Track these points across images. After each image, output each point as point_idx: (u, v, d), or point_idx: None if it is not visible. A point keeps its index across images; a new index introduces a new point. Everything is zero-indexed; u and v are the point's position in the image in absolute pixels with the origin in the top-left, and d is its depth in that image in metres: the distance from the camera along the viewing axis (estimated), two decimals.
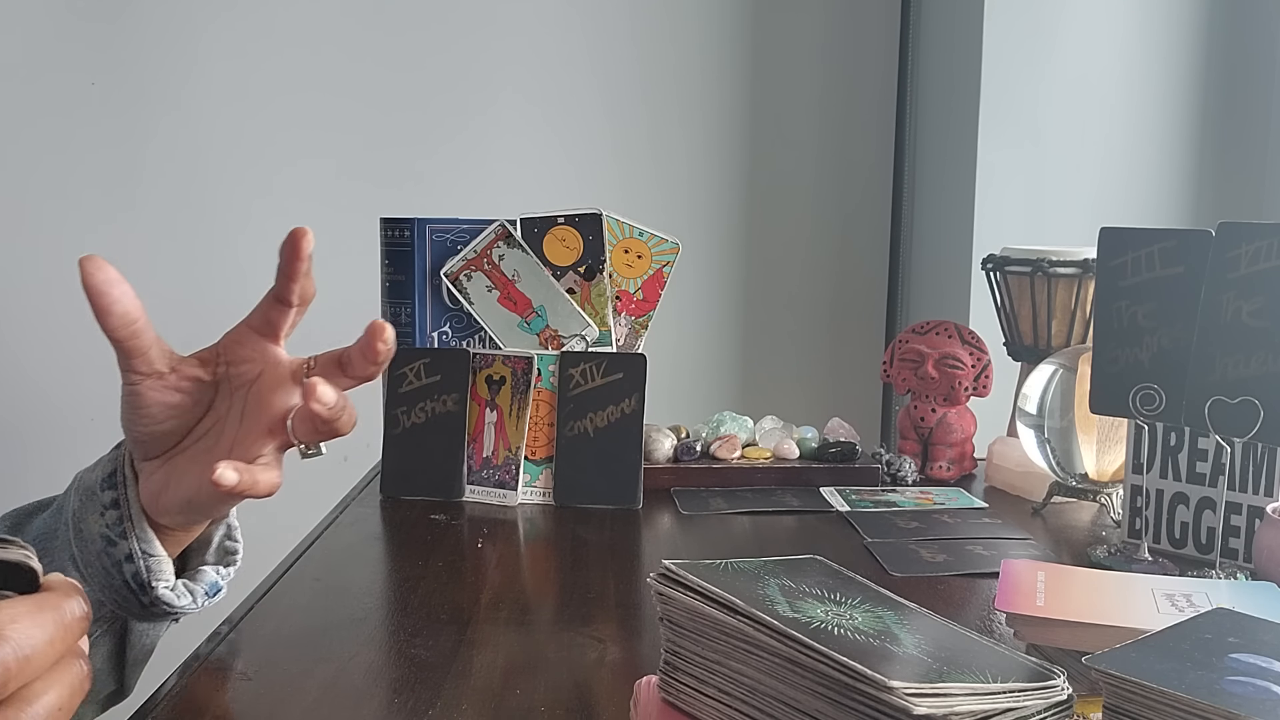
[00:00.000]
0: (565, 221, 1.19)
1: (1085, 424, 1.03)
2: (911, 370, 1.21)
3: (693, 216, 2.02)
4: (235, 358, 0.67)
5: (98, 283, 0.59)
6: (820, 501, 1.10)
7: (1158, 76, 1.73)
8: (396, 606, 0.81)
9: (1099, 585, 0.70)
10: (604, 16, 1.98)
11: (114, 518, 0.66)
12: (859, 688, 0.45)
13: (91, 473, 0.69)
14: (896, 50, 2.00)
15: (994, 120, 1.71)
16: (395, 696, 0.65)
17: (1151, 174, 1.75)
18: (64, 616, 0.42)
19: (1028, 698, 0.46)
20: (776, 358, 2.08)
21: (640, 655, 0.72)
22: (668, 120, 2.01)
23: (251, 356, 0.67)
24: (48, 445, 1.93)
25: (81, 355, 1.96)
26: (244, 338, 0.67)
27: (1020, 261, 1.21)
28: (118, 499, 0.66)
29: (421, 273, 1.19)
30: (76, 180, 1.94)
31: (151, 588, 0.66)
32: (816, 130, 2.04)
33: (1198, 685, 0.45)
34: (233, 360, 0.67)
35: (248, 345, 0.67)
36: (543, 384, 1.12)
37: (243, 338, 0.67)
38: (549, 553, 0.98)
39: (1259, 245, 0.81)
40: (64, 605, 0.42)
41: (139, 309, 0.61)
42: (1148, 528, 0.96)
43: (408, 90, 1.97)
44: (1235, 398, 0.82)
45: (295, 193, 1.97)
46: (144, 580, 0.66)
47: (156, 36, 1.92)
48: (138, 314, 0.61)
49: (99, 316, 0.61)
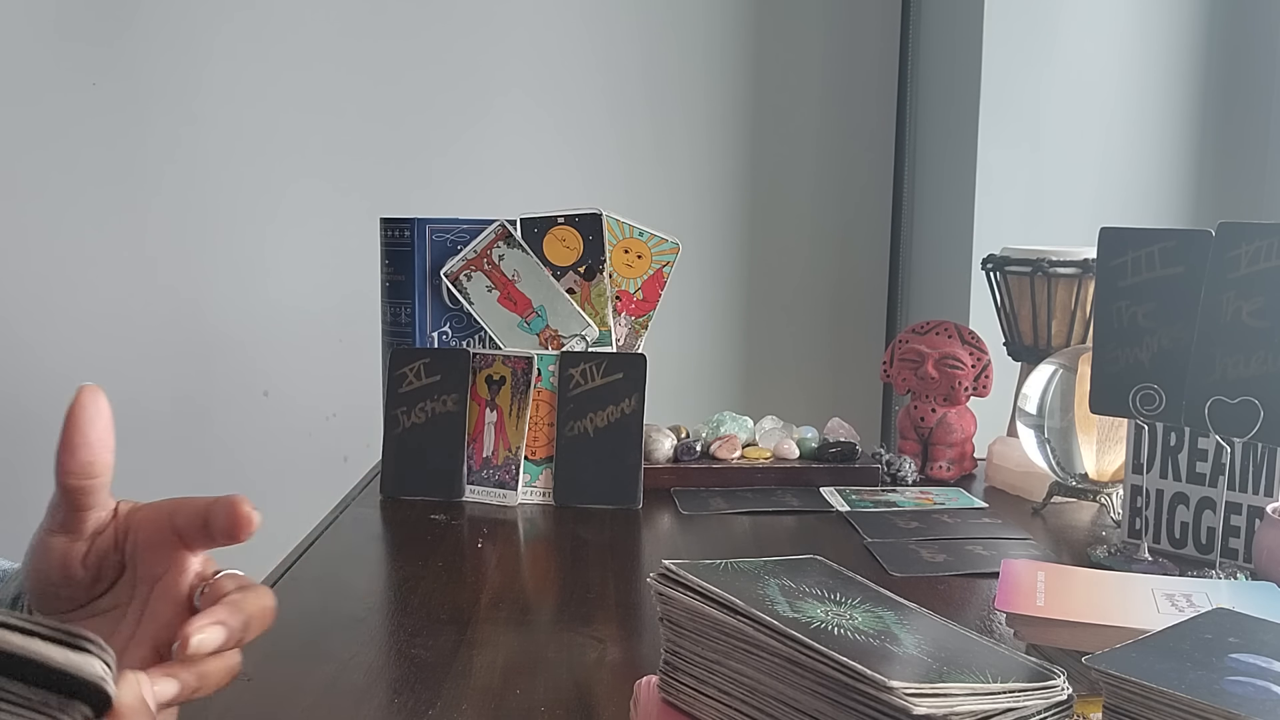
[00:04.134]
0: (565, 221, 1.19)
1: (1085, 424, 1.03)
2: (911, 370, 1.21)
3: (693, 216, 2.02)
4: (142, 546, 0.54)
5: (79, 414, 0.49)
6: (820, 501, 1.10)
7: (1158, 76, 1.73)
8: (396, 606, 0.81)
9: (1099, 585, 0.70)
10: (606, 17, 1.98)
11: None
12: (859, 688, 0.45)
13: (5, 588, 0.61)
14: (896, 50, 2.00)
15: (994, 120, 1.71)
16: (395, 696, 0.65)
17: (1151, 174, 1.75)
18: None
19: (1028, 698, 0.46)
20: (776, 358, 2.08)
21: (640, 655, 0.71)
22: (668, 120, 2.01)
23: (162, 560, 0.54)
24: (48, 445, 1.92)
25: (82, 355, 1.96)
26: (159, 532, 0.54)
27: (1020, 261, 1.21)
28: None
29: (421, 273, 1.19)
30: (77, 181, 1.94)
31: None
32: (817, 130, 2.04)
33: (1198, 685, 0.45)
34: (139, 548, 0.54)
35: (162, 546, 0.54)
36: (543, 384, 1.12)
37: (157, 531, 0.54)
38: (549, 553, 0.98)
39: (1259, 245, 0.81)
40: None
41: (108, 465, 0.51)
42: (1148, 528, 0.96)
43: (409, 90, 1.97)
44: (1235, 398, 0.82)
45: (296, 192, 1.97)
46: None
47: (158, 37, 1.92)
48: (105, 469, 0.51)
49: (63, 449, 0.50)
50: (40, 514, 0.59)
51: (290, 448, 1.98)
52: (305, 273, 1.97)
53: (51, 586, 0.54)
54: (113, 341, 1.96)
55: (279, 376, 1.99)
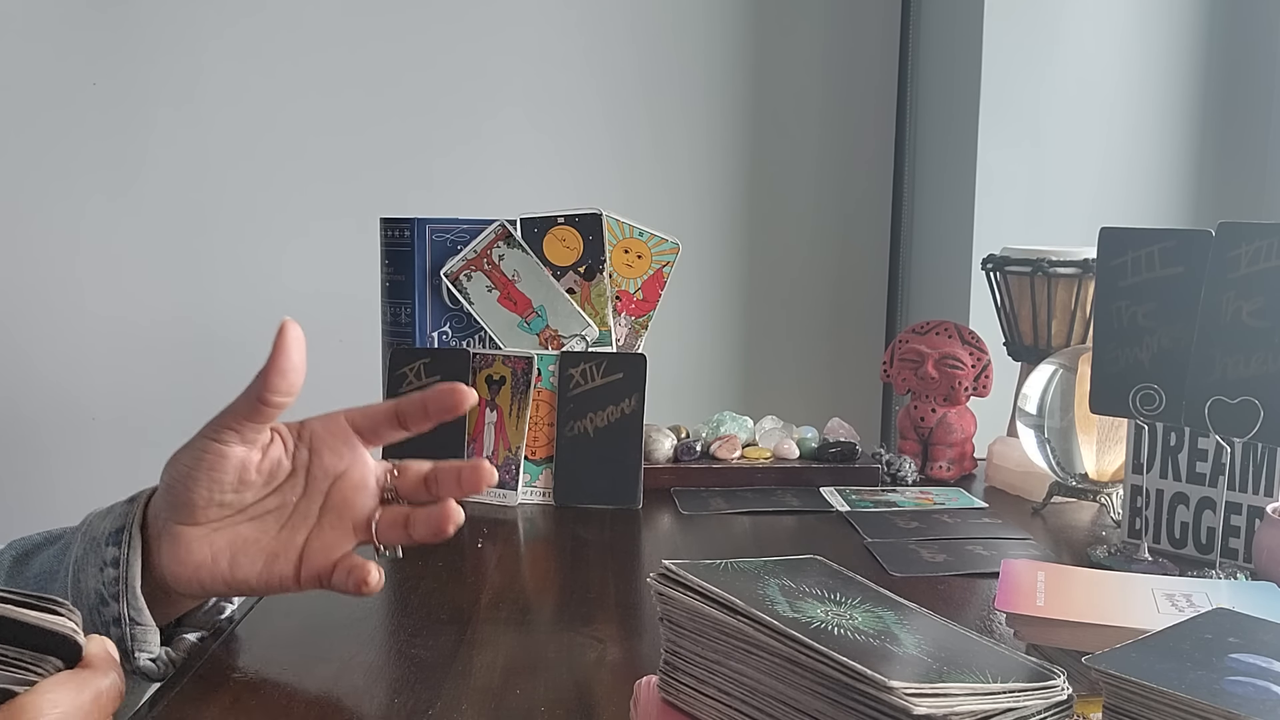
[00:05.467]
0: (565, 221, 1.19)
1: (1085, 424, 1.03)
2: (911, 370, 1.21)
3: (693, 216, 2.02)
4: (322, 447, 0.64)
5: (289, 342, 0.60)
6: (820, 501, 1.10)
7: (1158, 77, 1.73)
8: (396, 606, 0.81)
9: (1099, 585, 0.70)
10: (607, 17, 1.98)
11: (111, 577, 0.63)
12: (859, 688, 0.45)
13: (102, 521, 0.66)
14: (896, 50, 2.00)
15: (994, 120, 1.71)
16: (395, 696, 0.65)
17: (1151, 174, 1.75)
18: (101, 696, 0.45)
19: (1028, 698, 0.46)
20: (776, 358, 2.08)
21: (640, 655, 0.71)
22: (668, 120, 2.01)
23: (340, 451, 0.64)
24: (49, 444, 1.93)
25: (84, 355, 1.96)
26: (337, 430, 0.65)
27: (1020, 261, 1.21)
28: (119, 558, 0.64)
29: (421, 273, 1.19)
30: (78, 180, 1.94)
31: (134, 657, 0.64)
32: (816, 130, 2.04)
33: (1198, 685, 0.45)
34: (317, 449, 0.64)
35: (339, 439, 0.65)
36: (543, 384, 1.12)
37: (336, 430, 0.65)
38: (549, 553, 0.98)
39: (1259, 245, 0.81)
40: (102, 684, 0.45)
41: (300, 386, 0.60)
42: (1148, 528, 0.96)
43: (408, 91, 1.97)
44: (1235, 398, 0.82)
45: (295, 193, 1.97)
46: (128, 647, 0.63)
47: (158, 37, 1.92)
48: (299, 389, 0.60)
49: (273, 371, 0.60)
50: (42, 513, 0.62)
51: None
52: (305, 273, 1.97)
53: (221, 493, 0.62)
54: (113, 341, 1.96)
55: None
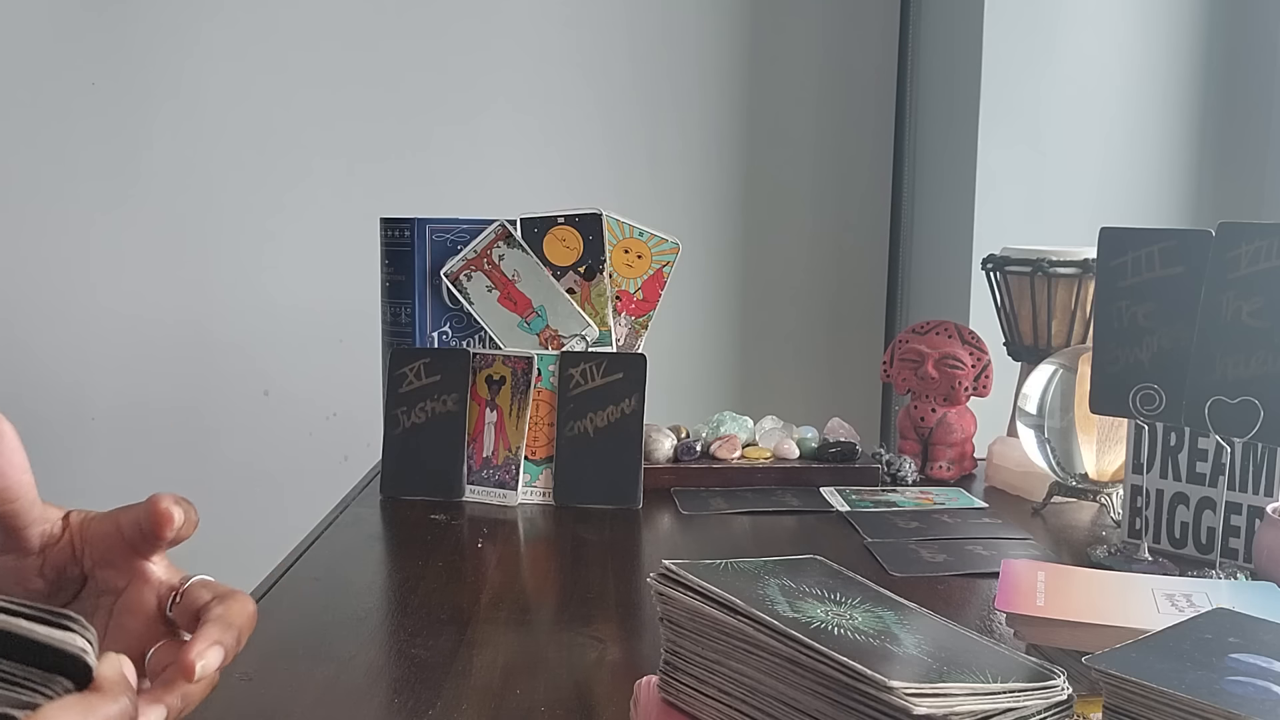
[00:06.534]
0: (565, 221, 1.19)
1: (1085, 424, 1.03)
2: (911, 370, 1.21)
3: (693, 216, 2.02)
4: (99, 559, 0.54)
5: None
6: (820, 501, 1.10)
7: (1158, 77, 1.73)
8: (396, 606, 0.81)
9: (1099, 585, 0.70)
10: (607, 17, 1.98)
11: None
12: (859, 688, 0.45)
13: None
14: (896, 50, 2.00)
15: (994, 120, 1.71)
16: (395, 696, 0.65)
17: (1151, 174, 1.75)
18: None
19: (1028, 698, 0.46)
20: (776, 358, 2.08)
21: (640, 655, 0.71)
22: (668, 120, 2.01)
23: (122, 571, 0.54)
24: (48, 445, 1.93)
25: (83, 355, 1.96)
26: (111, 543, 0.53)
27: (1020, 261, 1.21)
28: None
29: (421, 273, 1.19)
30: (78, 180, 1.94)
31: None
32: (816, 131, 2.04)
33: (1198, 685, 0.45)
34: (97, 561, 0.54)
35: (118, 558, 0.53)
36: (543, 384, 1.12)
37: (110, 543, 0.53)
38: (549, 553, 0.98)
39: (1259, 245, 0.81)
40: (110, 711, 0.40)
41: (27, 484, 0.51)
42: (1148, 528, 0.96)
43: (409, 91, 1.97)
44: (1235, 398, 0.82)
45: (295, 193, 1.97)
46: None
47: (157, 38, 1.92)
48: (24, 489, 0.50)
49: None
50: None
51: (291, 447, 1.98)
52: (305, 273, 1.98)
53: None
54: (112, 341, 1.96)
55: (279, 376, 1.99)
